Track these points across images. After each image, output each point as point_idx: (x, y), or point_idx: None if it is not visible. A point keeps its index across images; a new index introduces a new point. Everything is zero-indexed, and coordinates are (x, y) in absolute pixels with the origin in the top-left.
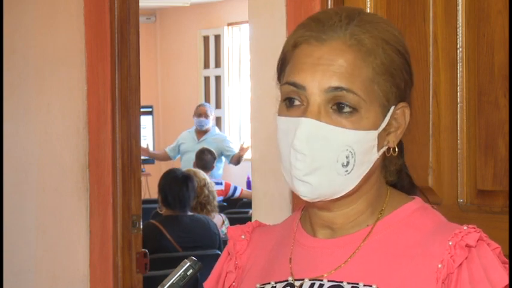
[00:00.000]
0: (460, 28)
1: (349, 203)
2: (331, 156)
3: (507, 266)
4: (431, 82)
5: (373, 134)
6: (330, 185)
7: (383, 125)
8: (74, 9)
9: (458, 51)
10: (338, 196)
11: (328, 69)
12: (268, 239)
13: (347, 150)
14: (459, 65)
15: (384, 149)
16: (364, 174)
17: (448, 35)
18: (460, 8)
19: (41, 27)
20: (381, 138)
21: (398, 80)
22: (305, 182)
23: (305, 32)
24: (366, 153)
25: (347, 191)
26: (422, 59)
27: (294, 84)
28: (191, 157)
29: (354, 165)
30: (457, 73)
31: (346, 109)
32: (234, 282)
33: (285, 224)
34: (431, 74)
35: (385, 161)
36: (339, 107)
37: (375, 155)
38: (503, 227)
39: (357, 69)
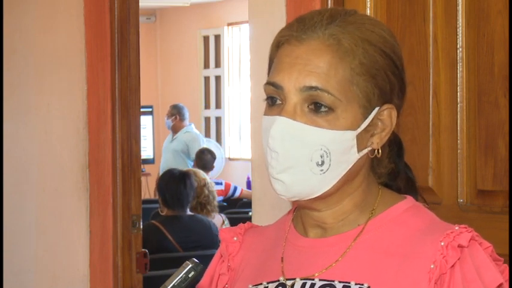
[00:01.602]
0: (460, 28)
1: (335, 203)
2: (305, 154)
3: (499, 263)
4: (431, 82)
5: (351, 134)
6: (305, 183)
7: (363, 126)
8: (74, 9)
9: (458, 51)
10: (316, 195)
11: (305, 68)
12: (261, 241)
13: (321, 149)
14: (459, 65)
15: (367, 150)
16: (343, 174)
17: (448, 35)
18: (460, 8)
19: (41, 27)
20: (363, 139)
21: (381, 81)
22: (278, 180)
23: (287, 32)
24: (343, 153)
25: (325, 191)
26: (422, 59)
27: (273, 84)
28: (166, 157)
29: (329, 164)
30: (457, 73)
31: (322, 109)
32: (226, 284)
33: (277, 224)
34: (431, 74)
35: (373, 162)
36: (315, 106)
37: (354, 155)
38: (503, 227)
39: (333, 69)
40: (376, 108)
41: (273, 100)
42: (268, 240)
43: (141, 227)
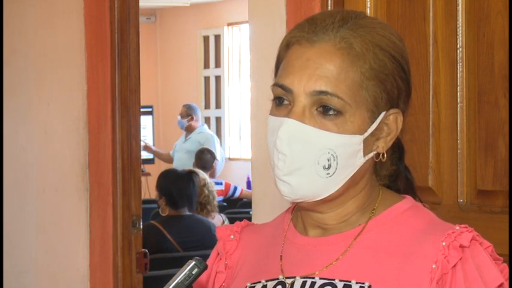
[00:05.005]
0: (460, 28)
1: (338, 205)
2: (312, 157)
3: (499, 262)
4: (431, 82)
5: (358, 139)
6: (311, 186)
7: (370, 130)
8: (74, 9)
9: (458, 51)
10: (321, 198)
11: (315, 72)
12: (258, 239)
13: (328, 153)
14: (459, 65)
15: (372, 154)
16: (349, 177)
17: (448, 35)
18: (460, 8)
19: (41, 27)
20: (369, 143)
21: (390, 86)
22: (285, 182)
23: (298, 33)
24: (349, 157)
25: (330, 193)
26: (422, 59)
27: (282, 87)
28: (179, 156)
29: (336, 168)
30: (457, 73)
31: (331, 112)
32: (224, 282)
33: (275, 223)
34: (431, 74)
35: (376, 165)
36: (324, 109)
37: (360, 160)
38: (503, 227)
39: (344, 73)
40: (383, 113)
41: (281, 100)
42: (266, 238)
43: (141, 227)
